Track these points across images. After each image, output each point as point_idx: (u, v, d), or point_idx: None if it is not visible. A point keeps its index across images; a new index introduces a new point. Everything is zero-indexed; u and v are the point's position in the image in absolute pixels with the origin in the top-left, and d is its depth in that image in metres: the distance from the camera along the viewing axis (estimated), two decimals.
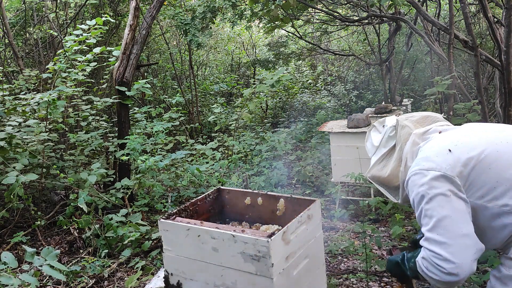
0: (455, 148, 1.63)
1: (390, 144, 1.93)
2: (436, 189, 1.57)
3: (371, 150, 2.06)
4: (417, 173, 1.65)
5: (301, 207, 2.21)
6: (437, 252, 1.52)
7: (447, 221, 1.53)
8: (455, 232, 1.52)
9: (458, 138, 1.68)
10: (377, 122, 2.10)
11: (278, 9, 4.16)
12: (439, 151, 1.65)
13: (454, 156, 1.60)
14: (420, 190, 1.61)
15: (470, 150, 1.60)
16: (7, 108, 4.28)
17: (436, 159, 1.62)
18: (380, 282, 3.16)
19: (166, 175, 5.39)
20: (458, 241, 1.50)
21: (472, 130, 1.75)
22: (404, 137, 1.86)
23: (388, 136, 1.95)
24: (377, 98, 9.96)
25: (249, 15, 7.72)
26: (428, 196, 1.58)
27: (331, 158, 5.02)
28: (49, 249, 2.42)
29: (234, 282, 1.94)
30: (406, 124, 1.89)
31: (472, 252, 1.50)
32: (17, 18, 7.64)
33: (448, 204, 1.54)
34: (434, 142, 1.73)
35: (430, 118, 1.91)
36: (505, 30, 3.56)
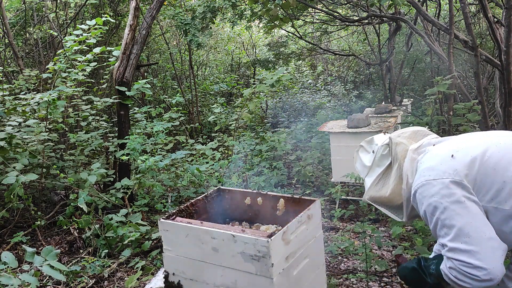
0: (457, 153, 1.62)
1: (384, 163, 1.90)
2: (449, 197, 1.55)
3: (363, 171, 2.02)
4: (424, 184, 1.62)
5: (301, 207, 2.21)
6: (466, 261, 1.49)
7: (469, 228, 1.51)
8: (480, 238, 1.50)
9: (457, 145, 1.69)
10: (364, 142, 2.07)
11: (277, 8, 4.16)
12: (442, 159, 1.64)
13: (458, 160, 1.60)
14: (432, 201, 1.58)
15: (472, 151, 1.60)
16: (7, 108, 4.28)
17: (441, 167, 1.61)
18: (380, 282, 3.16)
19: (166, 175, 5.39)
20: (485, 246, 1.49)
21: (469, 137, 1.76)
22: (401, 154, 1.83)
23: (381, 155, 1.91)
24: (377, 98, 9.96)
25: (249, 15, 7.72)
26: (442, 205, 1.56)
27: (331, 158, 5.01)
28: (49, 249, 2.42)
29: (234, 282, 1.94)
30: (400, 141, 1.86)
31: (500, 254, 1.49)
32: (17, 18, 7.64)
33: (465, 210, 1.53)
34: (434, 153, 1.72)
35: (420, 132, 1.91)
36: (505, 30, 3.56)
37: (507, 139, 1.65)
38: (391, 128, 4.95)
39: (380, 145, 1.93)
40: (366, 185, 1.98)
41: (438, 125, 4.80)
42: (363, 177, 2.02)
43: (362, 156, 2.05)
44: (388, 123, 5.05)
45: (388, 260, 3.51)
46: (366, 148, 2.04)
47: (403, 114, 6.46)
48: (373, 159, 1.95)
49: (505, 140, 1.64)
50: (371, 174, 1.95)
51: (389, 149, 1.88)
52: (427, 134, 1.91)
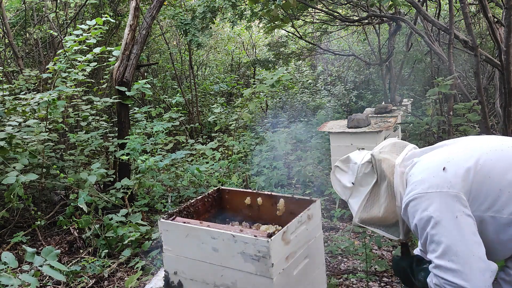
0: (448, 164, 1.57)
1: (369, 181, 1.80)
2: (441, 211, 1.49)
3: (344, 193, 1.92)
4: (416, 198, 1.57)
5: (301, 207, 2.21)
6: (450, 280, 1.45)
7: (457, 246, 1.45)
8: (467, 257, 1.44)
9: (448, 154, 1.62)
10: (339, 162, 1.97)
11: (278, 9, 4.16)
12: (433, 171, 1.58)
13: (451, 172, 1.54)
14: (424, 215, 1.53)
15: (465, 162, 1.55)
16: (7, 108, 4.27)
17: (434, 180, 1.55)
18: (380, 282, 3.16)
19: (166, 175, 5.39)
20: (471, 267, 1.43)
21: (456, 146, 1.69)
22: (388, 171, 1.75)
23: (363, 173, 1.82)
24: (377, 98, 9.96)
25: (249, 15, 7.72)
26: (433, 220, 1.50)
27: (331, 158, 5.01)
28: (49, 249, 2.42)
29: (234, 282, 1.94)
30: (383, 157, 1.78)
31: (488, 276, 1.44)
32: (17, 18, 7.64)
33: (456, 226, 1.47)
34: (423, 164, 1.66)
35: (398, 144, 1.86)
36: (505, 30, 3.56)
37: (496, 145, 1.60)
38: (391, 128, 4.95)
39: (361, 163, 1.83)
40: (352, 207, 1.89)
41: (438, 125, 4.80)
42: (346, 199, 1.92)
43: (340, 177, 1.94)
44: (388, 123, 5.05)
45: (388, 260, 3.51)
46: (342, 168, 1.93)
47: (403, 114, 6.47)
48: (354, 179, 1.85)
49: (494, 146, 1.59)
50: (355, 195, 1.86)
51: (372, 166, 1.79)
52: (405, 145, 1.85)
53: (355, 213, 1.86)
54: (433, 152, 1.72)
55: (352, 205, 1.89)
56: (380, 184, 1.77)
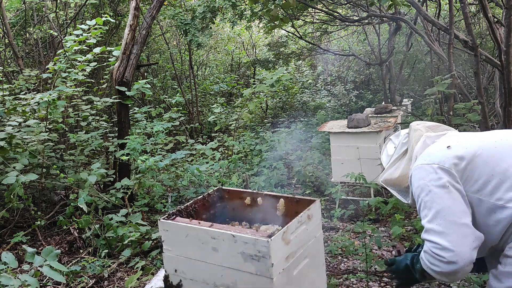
0: (454, 144, 1.70)
1: (403, 149, 1.98)
2: (435, 181, 1.62)
3: (386, 160, 2.09)
4: (418, 168, 1.71)
5: (301, 207, 2.21)
6: (436, 241, 1.55)
7: (445, 211, 1.57)
8: (453, 221, 1.55)
9: (460, 139, 1.76)
10: (393, 135, 2.15)
11: (278, 9, 4.16)
12: (439, 148, 1.73)
13: (452, 151, 1.67)
14: (420, 183, 1.66)
15: (468, 146, 1.67)
16: (7, 108, 4.27)
17: (436, 154, 1.70)
18: (380, 282, 3.16)
19: (166, 175, 5.39)
20: (456, 230, 1.53)
21: (475, 134, 1.82)
22: (415, 139, 1.90)
23: (401, 143, 2.00)
24: (377, 98, 9.97)
25: (249, 15, 7.72)
26: (427, 188, 1.63)
27: (331, 158, 5.02)
28: (49, 249, 2.42)
29: (234, 282, 1.94)
30: (418, 128, 1.94)
31: (470, 240, 1.52)
32: (17, 18, 7.64)
33: (447, 195, 1.59)
34: (438, 142, 1.81)
35: (441, 127, 1.97)
36: (505, 30, 3.56)
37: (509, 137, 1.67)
38: (391, 128, 4.95)
39: (403, 134, 2.02)
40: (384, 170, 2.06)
41: None
42: (385, 165, 2.08)
43: (389, 148, 2.12)
44: (388, 123, 5.06)
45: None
46: (393, 141, 2.11)
47: (403, 114, 6.47)
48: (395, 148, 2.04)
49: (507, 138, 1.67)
50: (391, 161, 2.02)
51: (408, 136, 1.96)
52: (448, 129, 1.96)
53: (382, 173, 2.04)
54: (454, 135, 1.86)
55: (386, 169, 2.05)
56: (408, 152, 1.94)
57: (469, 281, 2.82)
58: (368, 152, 4.74)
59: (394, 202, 3.23)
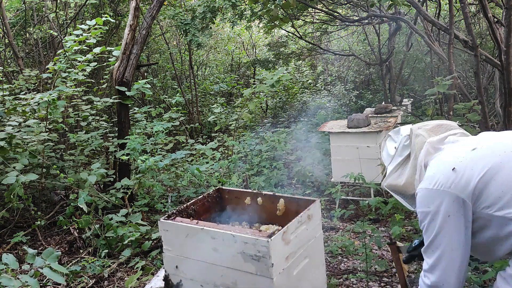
0: (459, 164, 1.67)
1: (405, 153, 1.96)
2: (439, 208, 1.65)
3: (387, 160, 2.08)
4: (422, 191, 1.72)
5: (301, 207, 2.22)
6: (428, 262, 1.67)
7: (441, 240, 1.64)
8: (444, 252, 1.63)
9: (462, 153, 1.72)
10: (392, 131, 2.13)
11: (278, 8, 4.16)
12: (443, 169, 1.70)
13: (458, 174, 1.65)
14: (425, 210, 1.69)
15: (474, 165, 1.65)
16: (7, 108, 4.27)
17: (441, 178, 1.68)
18: (380, 282, 3.16)
19: (166, 175, 5.39)
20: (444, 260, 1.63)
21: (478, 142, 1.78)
22: (418, 146, 1.89)
23: (403, 145, 1.98)
24: (377, 98, 9.96)
25: (249, 15, 7.72)
26: (430, 215, 1.67)
27: (331, 158, 5.01)
28: (50, 251, 2.42)
29: (234, 282, 1.94)
30: (420, 133, 1.92)
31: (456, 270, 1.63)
32: (17, 18, 7.64)
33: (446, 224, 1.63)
34: (441, 157, 1.79)
35: (443, 126, 1.95)
36: (505, 30, 3.56)
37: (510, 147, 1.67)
38: (391, 128, 4.95)
39: (404, 135, 1.99)
40: (387, 173, 2.05)
41: None
42: (386, 165, 2.07)
43: (389, 145, 2.10)
44: (388, 123, 5.05)
45: (388, 260, 3.51)
46: (393, 138, 2.09)
47: (403, 114, 6.47)
48: (396, 148, 2.02)
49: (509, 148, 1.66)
50: (392, 163, 2.01)
51: (409, 140, 1.94)
52: (450, 128, 1.94)
53: (385, 177, 2.03)
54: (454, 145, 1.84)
55: (387, 170, 2.05)
56: (410, 156, 1.93)
57: (469, 281, 2.82)
58: (368, 152, 4.74)
59: (394, 202, 3.23)
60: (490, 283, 2.87)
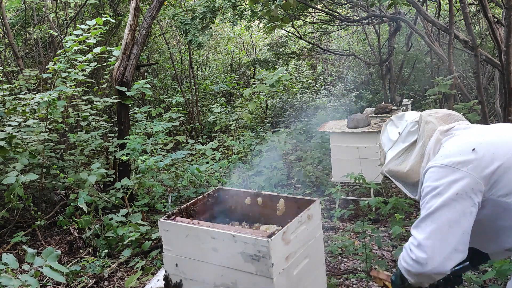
0: (479, 146, 1.59)
1: (410, 139, 1.88)
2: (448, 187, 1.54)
3: (387, 144, 2.00)
4: (435, 167, 1.62)
5: (301, 207, 2.21)
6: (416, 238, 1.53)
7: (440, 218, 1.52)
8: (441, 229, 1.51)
9: (483, 137, 1.65)
10: (395, 116, 2.05)
11: (278, 9, 4.16)
12: (463, 149, 1.61)
13: (478, 155, 1.56)
14: (433, 184, 1.58)
15: (496, 150, 1.57)
16: (7, 108, 4.28)
17: (459, 157, 1.59)
18: None
19: (166, 175, 5.39)
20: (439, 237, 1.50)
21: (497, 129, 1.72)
22: (428, 133, 1.81)
23: (408, 131, 1.90)
24: (377, 98, 9.96)
25: (249, 15, 7.72)
26: (437, 190, 1.56)
27: (331, 158, 5.02)
28: (49, 250, 2.42)
29: (234, 282, 1.94)
30: (430, 120, 1.84)
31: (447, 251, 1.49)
32: (17, 18, 7.64)
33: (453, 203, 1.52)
34: (458, 139, 1.70)
35: (453, 116, 1.88)
36: (505, 30, 3.56)
37: None
38: None
39: (410, 121, 1.92)
40: (387, 158, 1.97)
41: None
42: (386, 150, 2.00)
43: (390, 130, 2.02)
44: None
45: (388, 260, 3.51)
46: (395, 123, 2.01)
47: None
48: (399, 133, 1.94)
49: None
50: (395, 148, 1.94)
51: (417, 126, 1.87)
52: (459, 119, 1.88)
53: (386, 163, 1.95)
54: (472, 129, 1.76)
55: (388, 156, 1.97)
56: (417, 143, 1.85)
57: (469, 281, 2.82)
58: (368, 152, 4.74)
59: (394, 202, 3.23)
60: (490, 283, 2.87)
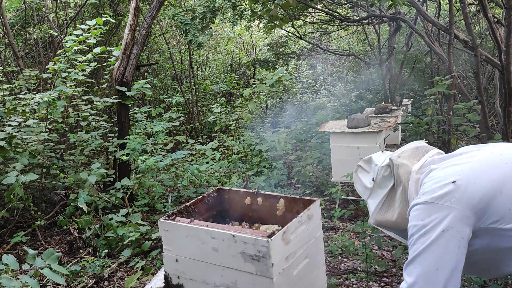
0: (460, 177, 1.54)
1: (387, 184, 1.82)
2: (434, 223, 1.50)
3: (364, 193, 1.95)
4: (419, 204, 1.57)
5: (301, 207, 2.21)
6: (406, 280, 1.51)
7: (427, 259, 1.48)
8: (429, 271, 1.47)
9: (461, 166, 1.60)
10: (362, 161, 2.00)
11: (277, 8, 4.16)
12: (443, 183, 1.56)
13: (460, 187, 1.52)
14: (419, 223, 1.54)
15: (477, 178, 1.53)
16: (7, 108, 4.28)
17: (440, 192, 1.54)
18: (380, 282, 3.16)
19: (166, 175, 5.39)
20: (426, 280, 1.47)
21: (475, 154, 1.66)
22: (404, 177, 1.75)
23: (382, 176, 1.84)
24: (377, 98, 9.96)
25: (249, 15, 7.72)
26: (424, 229, 1.52)
27: (331, 158, 5.02)
28: (50, 251, 2.42)
29: (234, 282, 1.94)
30: (401, 162, 1.78)
31: None
32: (17, 18, 7.64)
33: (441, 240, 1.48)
34: (436, 173, 1.65)
35: (420, 148, 1.84)
36: (505, 30, 3.56)
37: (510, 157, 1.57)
38: (391, 128, 4.95)
39: (380, 166, 1.85)
40: (369, 207, 1.91)
41: (438, 125, 4.80)
42: (365, 199, 1.95)
43: (362, 177, 1.97)
44: (388, 123, 5.06)
45: (388, 260, 3.51)
46: (364, 168, 1.96)
47: (403, 114, 6.47)
48: (373, 180, 1.88)
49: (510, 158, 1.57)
50: (374, 196, 1.88)
51: (390, 170, 1.81)
52: (428, 150, 1.83)
53: (371, 214, 1.89)
54: (450, 160, 1.70)
55: (369, 205, 1.91)
56: (396, 188, 1.79)
57: (469, 281, 2.82)
58: (368, 152, 4.72)
59: None
60: (490, 283, 2.88)
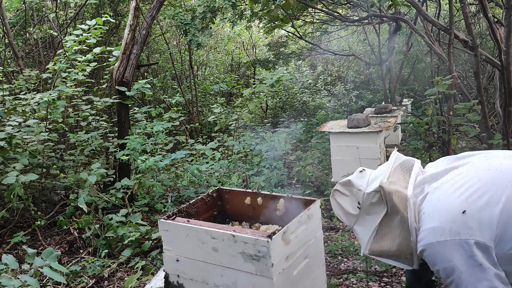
0: (467, 206, 1.51)
1: (378, 211, 1.75)
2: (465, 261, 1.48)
3: (348, 219, 1.87)
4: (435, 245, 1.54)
5: (301, 207, 2.22)
6: None
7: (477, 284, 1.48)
8: None
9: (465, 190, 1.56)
10: (338, 185, 1.92)
11: (278, 9, 4.16)
12: (453, 217, 1.52)
13: (471, 217, 1.49)
14: (449, 265, 1.51)
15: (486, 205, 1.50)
16: (7, 108, 4.27)
17: (453, 226, 1.51)
18: (380, 282, 3.16)
19: (166, 175, 5.39)
20: None
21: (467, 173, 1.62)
22: (401, 205, 1.69)
23: (370, 202, 1.77)
24: (377, 98, 9.97)
25: (249, 15, 7.72)
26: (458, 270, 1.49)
27: (331, 158, 5.02)
28: (49, 250, 2.42)
29: (234, 282, 1.94)
30: (394, 189, 1.71)
31: None
32: (17, 18, 7.63)
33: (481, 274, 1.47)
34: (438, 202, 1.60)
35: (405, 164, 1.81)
36: (505, 30, 3.56)
37: None
38: (391, 128, 4.95)
39: (367, 192, 1.78)
40: (359, 236, 1.85)
41: (438, 125, 4.80)
42: (350, 225, 1.89)
43: (341, 202, 1.89)
44: (388, 123, 5.06)
45: None
46: (343, 192, 1.88)
47: (403, 114, 6.47)
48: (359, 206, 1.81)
49: None
50: (362, 223, 1.81)
51: (379, 196, 1.74)
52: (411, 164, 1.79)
53: (365, 244, 1.82)
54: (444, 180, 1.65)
55: (359, 233, 1.84)
56: (391, 216, 1.73)
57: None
58: (368, 152, 4.74)
59: None
60: None
